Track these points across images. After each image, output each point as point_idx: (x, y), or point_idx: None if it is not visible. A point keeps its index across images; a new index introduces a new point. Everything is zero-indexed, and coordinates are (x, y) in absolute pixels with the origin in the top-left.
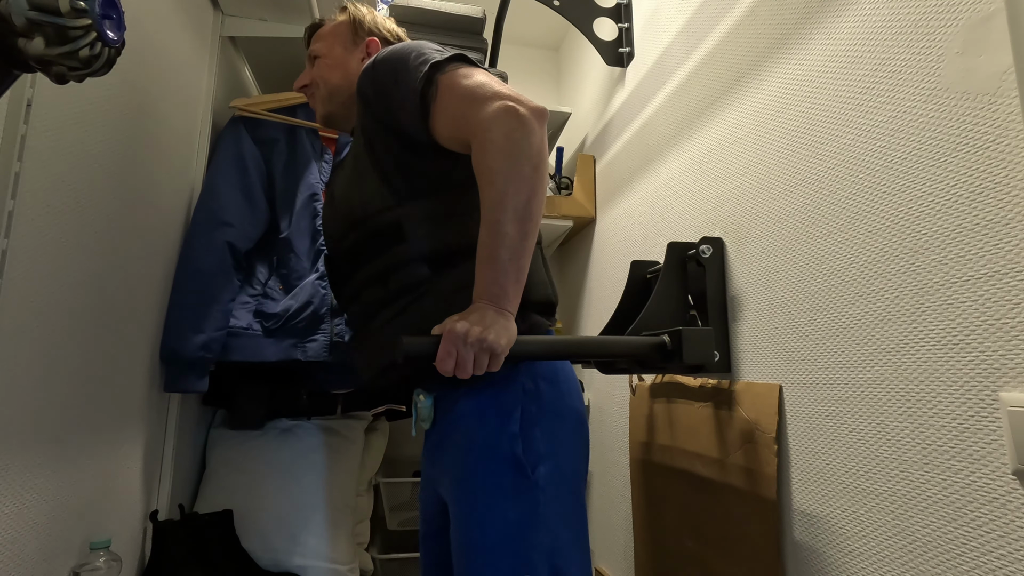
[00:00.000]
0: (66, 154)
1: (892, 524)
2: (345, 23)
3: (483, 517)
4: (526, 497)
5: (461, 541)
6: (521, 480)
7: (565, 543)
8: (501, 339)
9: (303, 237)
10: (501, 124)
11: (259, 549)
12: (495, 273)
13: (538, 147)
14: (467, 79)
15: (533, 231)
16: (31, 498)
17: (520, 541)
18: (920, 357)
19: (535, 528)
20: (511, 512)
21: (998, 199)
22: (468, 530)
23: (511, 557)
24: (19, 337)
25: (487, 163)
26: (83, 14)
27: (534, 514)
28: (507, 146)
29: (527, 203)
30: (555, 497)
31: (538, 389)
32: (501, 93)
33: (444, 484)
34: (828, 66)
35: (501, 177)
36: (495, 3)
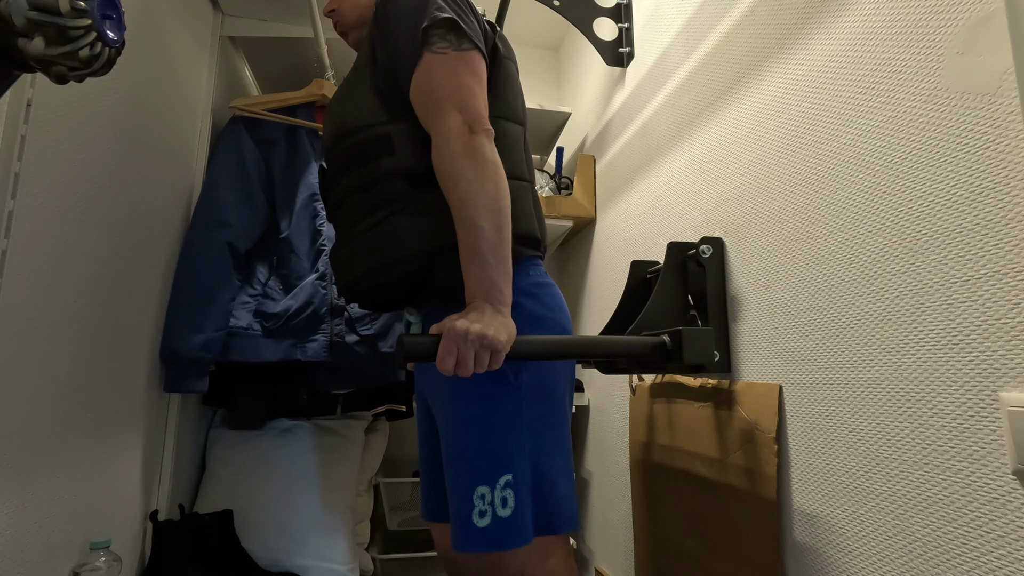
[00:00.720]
0: (66, 154)
1: (892, 524)
2: None
3: (467, 421)
4: (509, 402)
5: (447, 446)
6: (503, 386)
7: (548, 446)
8: (501, 336)
9: (303, 237)
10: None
11: (259, 549)
12: (482, 269)
13: (492, 156)
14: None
15: (506, 223)
16: (31, 498)
17: (503, 443)
18: (920, 357)
19: (517, 431)
20: (495, 417)
21: (998, 199)
22: (453, 435)
23: (493, 457)
24: (19, 337)
25: (448, 166)
26: (83, 14)
27: (516, 418)
28: (464, 151)
29: (494, 197)
30: (538, 402)
31: (519, 303)
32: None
33: (434, 397)
34: (828, 66)
35: (464, 177)
36: (495, 3)
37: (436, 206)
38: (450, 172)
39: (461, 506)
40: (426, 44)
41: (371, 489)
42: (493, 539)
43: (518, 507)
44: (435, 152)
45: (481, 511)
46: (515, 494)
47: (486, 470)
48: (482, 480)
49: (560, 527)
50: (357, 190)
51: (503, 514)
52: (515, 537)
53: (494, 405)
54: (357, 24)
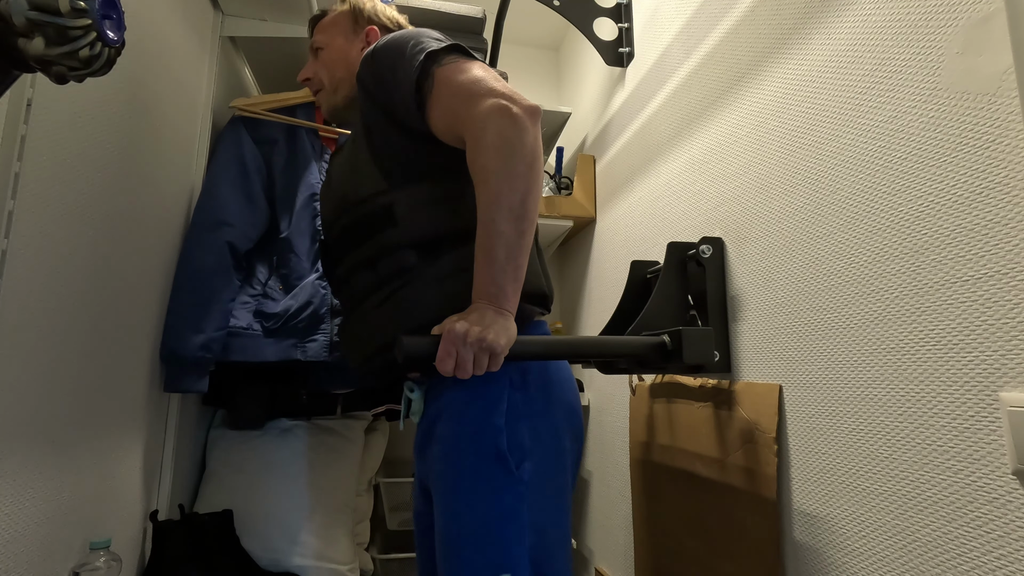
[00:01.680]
0: (66, 154)
1: (892, 524)
2: (345, 12)
3: (464, 509)
4: (509, 492)
5: (442, 533)
6: (504, 475)
7: (548, 541)
8: (501, 339)
9: (303, 237)
10: (494, 123)
11: (259, 549)
12: (493, 272)
13: (532, 145)
14: (462, 74)
15: (530, 229)
16: (31, 498)
17: (501, 536)
18: (920, 357)
19: (518, 527)
20: (493, 506)
21: (998, 199)
22: (449, 522)
23: (491, 551)
24: (19, 337)
25: (481, 162)
26: (83, 14)
27: (517, 510)
28: (501, 145)
29: (522, 201)
30: (540, 494)
31: (525, 381)
32: (495, 90)
33: (430, 476)
34: (828, 66)
35: (495, 176)
36: (495, 3)
37: (444, 273)
38: (481, 167)
39: None
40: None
41: (371, 489)
42: None
43: None
44: (469, 146)
45: None
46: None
47: (484, 565)
48: None
49: None
50: (363, 266)
51: None
52: None
53: (494, 495)
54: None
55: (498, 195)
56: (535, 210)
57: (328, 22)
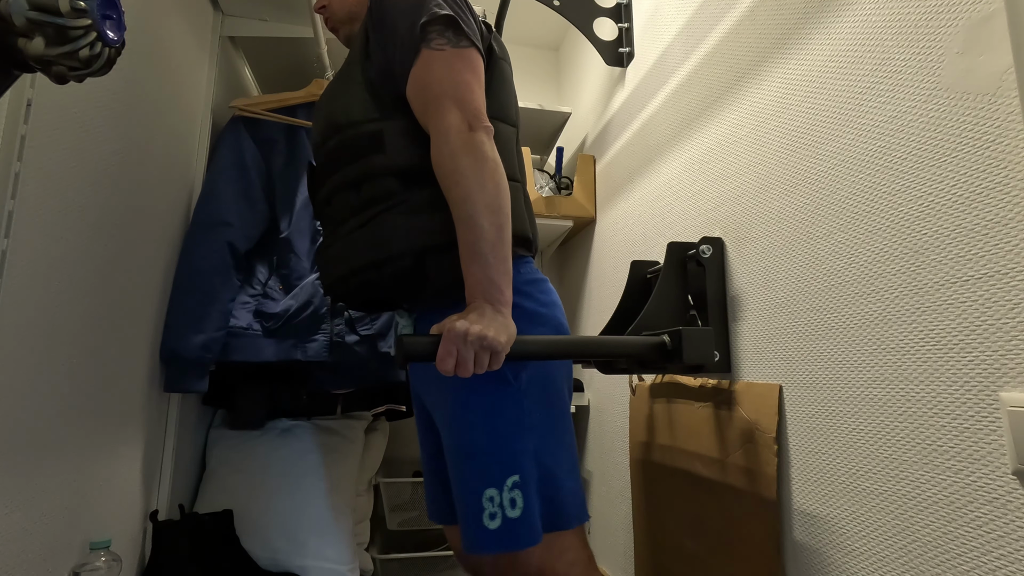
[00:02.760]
0: (66, 154)
1: (892, 524)
2: None
3: (470, 425)
4: (511, 402)
5: (451, 450)
6: (505, 386)
7: (551, 443)
8: (501, 336)
9: (303, 237)
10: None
11: (259, 549)
12: (483, 269)
13: (492, 154)
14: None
15: (507, 224)
16: (31, 498)
17: (508, 444)
18: (920, 357)
19: (521, 431)
20: (497, 418)
21: (998, 199)
22: (456, 439)
23: (500, 460)
24: (19, 337)
25: (448, 165)
26: (83, 14)
27: (519, 418)
28: (464, 149)
29: (494, 196)
30: (539, 400)
31: (517, 303)
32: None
33: (433, 399)
34: (828, 66)
35: (465, 176)
36: (495, 3)
37: (429, 205)
38: (450, 171)
39: (470, 509)
40: (424, 40)
41: (371, 489)
42: (505, 540)
43: (527, 507)
44: (434, 150)
45: (491, 513)
46: (523, 494)
47: (493, 472)
48: (490, 482)
49: (569, 522)
50: (346, 187)
51: (513, 515)
52: (526, 537)
53: (496, 406)
54: (348, 19)
55: (470, 192)
56: (507, 207)
57: None
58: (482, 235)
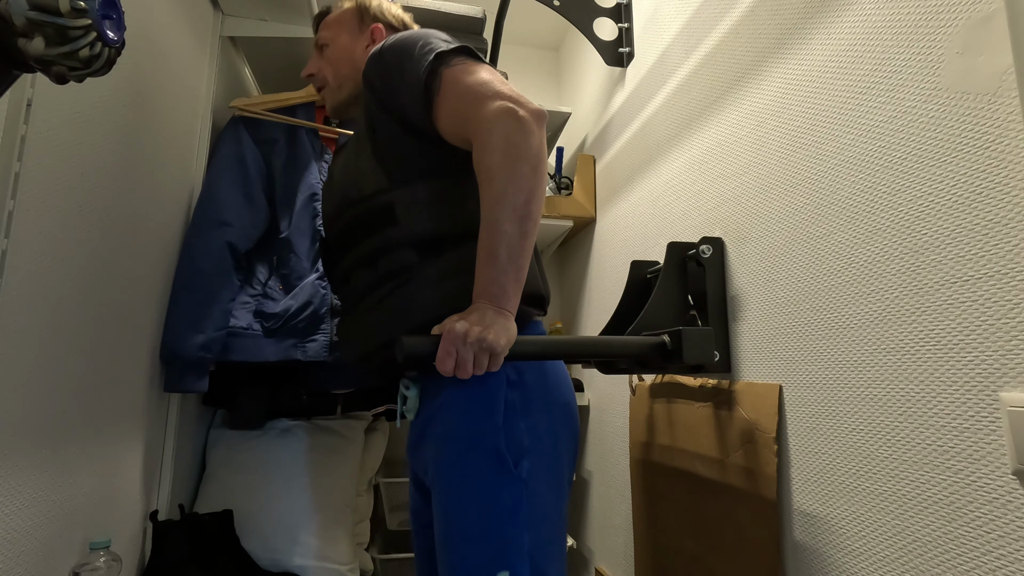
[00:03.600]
0: (66, 154)
1: (892, 524)
2: (351, 10)
3: (464, 508)
4: (508, 491)
5: (442, 532)
6: (503, 473)
7: (546, 540)
8: (501, 339)
9: (303, 237)
10: (501, 125)
11: (259, 549)
12: (495, 272)
13: (537, 148)
14: (470, 75)
15: (533, 231)
16: (31, 498)
17: (500, 534)
18: (920, 357)
19: (516, 523)
20: (492, 505)
21: (998, 199)
22: (449, 521)
23: (490, 549)
24: (19, 337)
25: (486, 163)
26: (83, 14)
27: (516, 508)
28: (506, 147)
29: (526, 202)
30: (537, 493)
31: (523, 380)
32: (502, 93)
33: (428, 475)
34: (828, 66)
35: (500, 177)
36: (495, 3)
37: (444, 273)
38: (487, 167)
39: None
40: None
41: (371, 489)
42: None
43: None
44: (475, 147)
45: None
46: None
47: (483, 563)
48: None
49: None
50: (363, 264)
51: None
52: None
53: (494, 495)
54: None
55: (503, 195)
56: (539, 212)
57: (333, 19)
58: (503, 240)
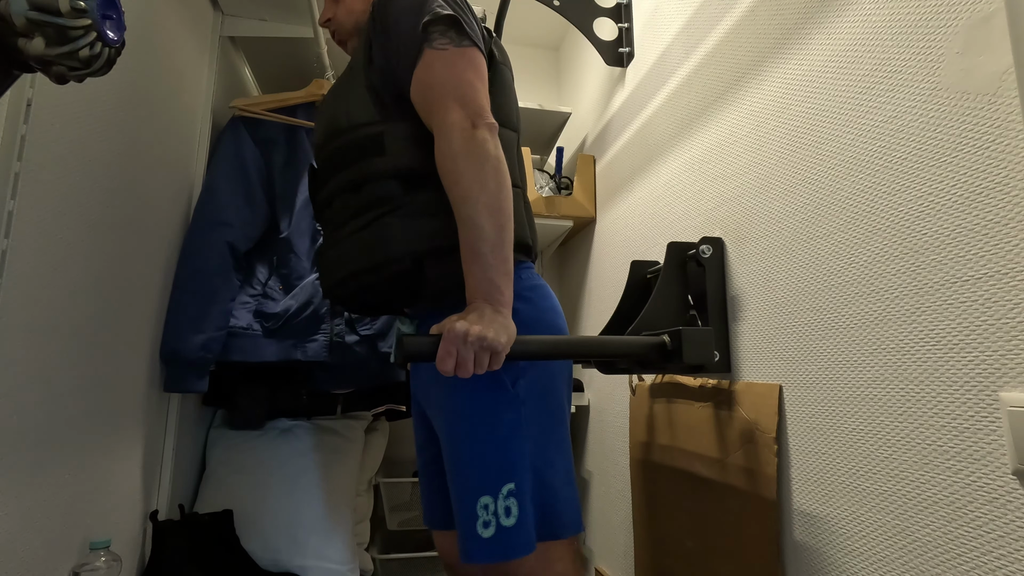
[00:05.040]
0: (66, 154)
1: (892, 524)
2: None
3: (467, 432)
4: (508, 410)
5: (450, 458)
6: (502, 394)
7: (549, 451)
8: (501, 337)
9: (303, 237)
10: (459, 133)
11: (259, 549)
12: (483, 269)
13: (494, 151)
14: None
15: (508, 224)
16: (31, 498)
17: (504, 452)
18: (920, 357)
19: (518, 439)
20: (495, 426)
21: (998, 199)
22: (454, 446)
23: (496, 468)
24: (19, 337)
25: (449, 165)
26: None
27: (516, 426)
28: (466, 149)
29: (495, 196)
30: (537, 408)
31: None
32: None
33: (432, 408)
34: (828, 66)
35: (465, 176)
36: (495, 3)
37: (429, 208)
38: (451, 170)
39: (465, 517)
40: (426, 40)
41: (371, 489)
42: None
43: (522, 515)
44: (437, 149)
45: (485, 521)
46: (518, 502)
47: (488, 480)
48: (485, 490)
49: (563, 532)
50: (347, 189)
51: (507, 523)
52: (520, 546)
53: (494, 414)
54: (355, 31)
55: (470, 191)
56: (509, 208)
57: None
58: (482, 235)
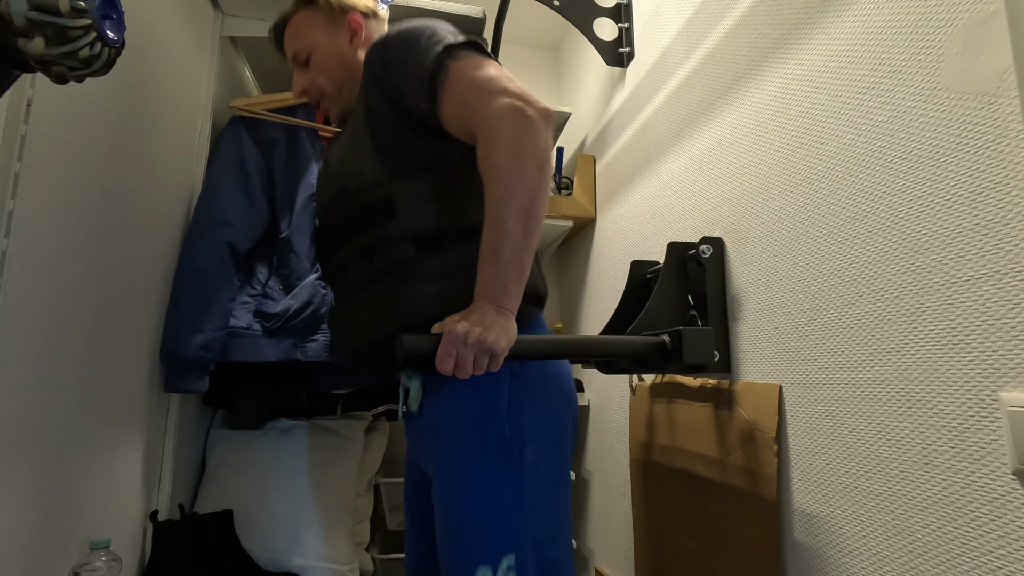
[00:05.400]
0: (66, 154)
1: (892, 524)
2: (316, 10)
3: (469, 497)
4: (513, 479)
5: (446, 521)
6: (508, 462)
7: (551, 525)
8: (501, 340)
9: (303, 237)
10: (508, 123)
11: (259, 549)
12: (497, 271)
13: (543, 148)
14: (478, 70)
15: (537, 231)
16: (31, 498)
17: (506, 522)
18: (920, 357)
19: (522, 511)
20: (498, 493)
21: (998, 199)
22: (453, 510)
23: (496, 537)
24: (19, 337)
25: (492, 161)
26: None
27: (521, 497)
28: (513, 145)
29: (531, 202)
30: (542, 480)
31: (524, 368)
32: (510, 90)
33: (430, 465)
34: (828, 66)
35: (506, 175)
36: (495, 3)
37: (446, 268)
38: (493, 166)
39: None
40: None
41: (371, 489)
42: None
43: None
44: (481, 146)
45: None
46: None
47: (489, 549)
48: (484, 560)
49: None
50: (360, 256)
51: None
52: None
53: (498, 481)
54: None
55: (508, 194)
56: (543, 212)
57: (299, 26)
58: (507, 239)
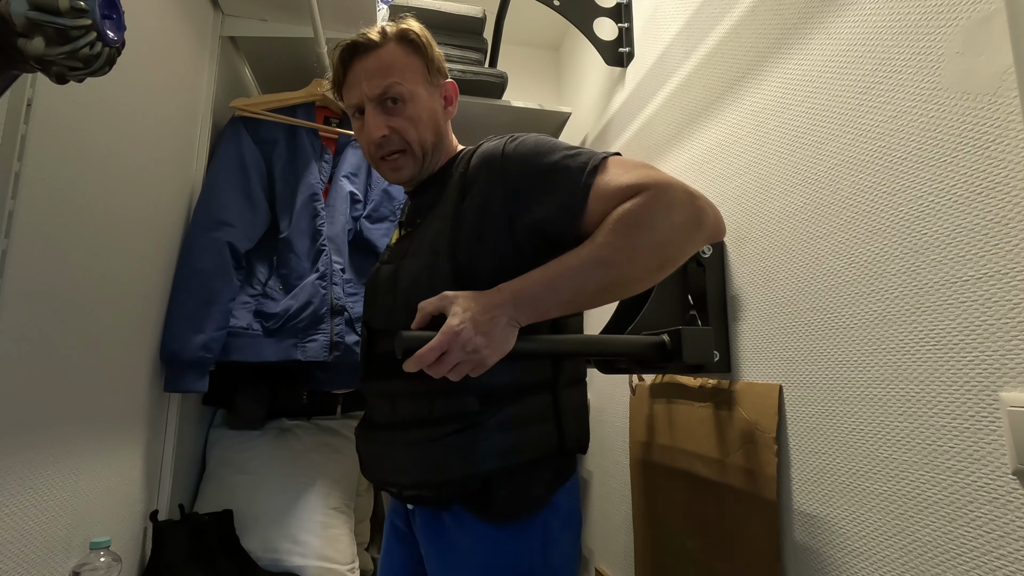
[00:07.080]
0: (66, 154)
1: (892, 524)
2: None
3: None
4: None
5: None
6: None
7: None
8: (494, 356)
9: (303, 237)
10: (684, 208)
11: (259, 549)
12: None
13: (689, 252)
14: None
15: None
16: (31, 498)
17: None
18: (920, 357)
19: None
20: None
21: (998, 199)
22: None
23: None
24: (19, 337)
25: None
26: (83, 14)
27: None
28: (668, 229)
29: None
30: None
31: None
32: (671, 181)
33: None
34: (828, 66)
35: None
36: (495, 3)
37: (503, 424)
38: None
39: None
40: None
41: (371, 489)
42: None
43: None
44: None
45: None
46: None
47: None
48: None
49: None
50: (416, 396)
51: None
52: None
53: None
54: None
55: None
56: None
57: (399, 64)
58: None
